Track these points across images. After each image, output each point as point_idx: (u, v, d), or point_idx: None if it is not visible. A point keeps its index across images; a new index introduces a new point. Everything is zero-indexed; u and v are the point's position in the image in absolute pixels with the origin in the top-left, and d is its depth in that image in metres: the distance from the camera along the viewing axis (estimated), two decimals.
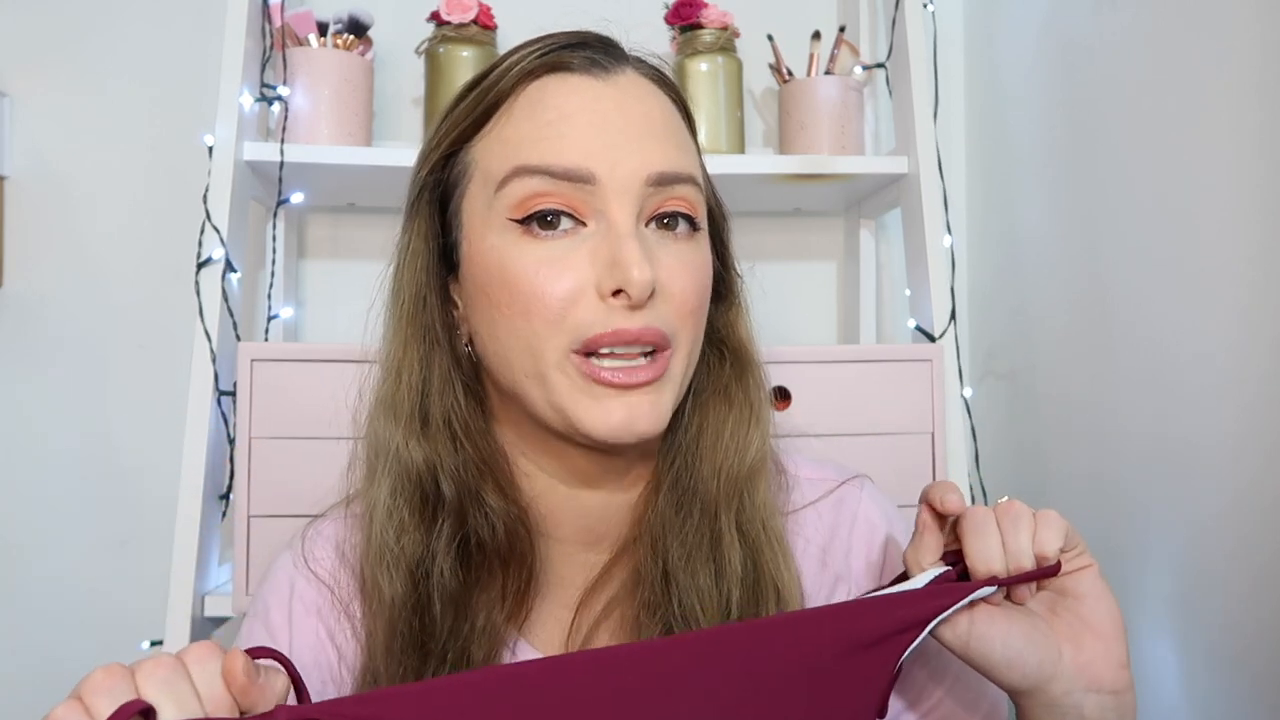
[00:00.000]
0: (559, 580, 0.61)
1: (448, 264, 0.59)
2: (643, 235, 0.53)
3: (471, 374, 0.59)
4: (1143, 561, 0.95)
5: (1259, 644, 0.81)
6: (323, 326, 1.29)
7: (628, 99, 0.54)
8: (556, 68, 0.55)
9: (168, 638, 0.96)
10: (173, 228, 1.20)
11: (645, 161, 0.53)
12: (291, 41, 1.12)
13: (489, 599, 0.57)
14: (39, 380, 1.25)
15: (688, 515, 0.58)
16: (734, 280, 0.64)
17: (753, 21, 1.25)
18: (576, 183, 0.52)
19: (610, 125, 0.53)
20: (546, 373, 0.52)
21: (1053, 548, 0.50)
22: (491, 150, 0.55)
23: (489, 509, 0.57)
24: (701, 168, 0.59)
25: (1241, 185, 0.83)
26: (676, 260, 0.54)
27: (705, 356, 0.60)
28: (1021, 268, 1.22)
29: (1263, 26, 0.80)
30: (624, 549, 0.60)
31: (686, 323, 0.54)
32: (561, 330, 0.52)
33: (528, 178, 0.52)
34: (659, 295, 0.53)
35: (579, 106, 0.53)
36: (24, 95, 1.24)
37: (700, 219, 0.57)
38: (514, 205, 0.53)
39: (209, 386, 1.00)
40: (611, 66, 0.55)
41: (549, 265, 0.52)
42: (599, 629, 0.59)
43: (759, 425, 0.60)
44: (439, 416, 0.57)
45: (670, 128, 0.56)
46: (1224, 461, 0.85)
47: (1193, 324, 0.89)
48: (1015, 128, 1.25)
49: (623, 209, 0.52)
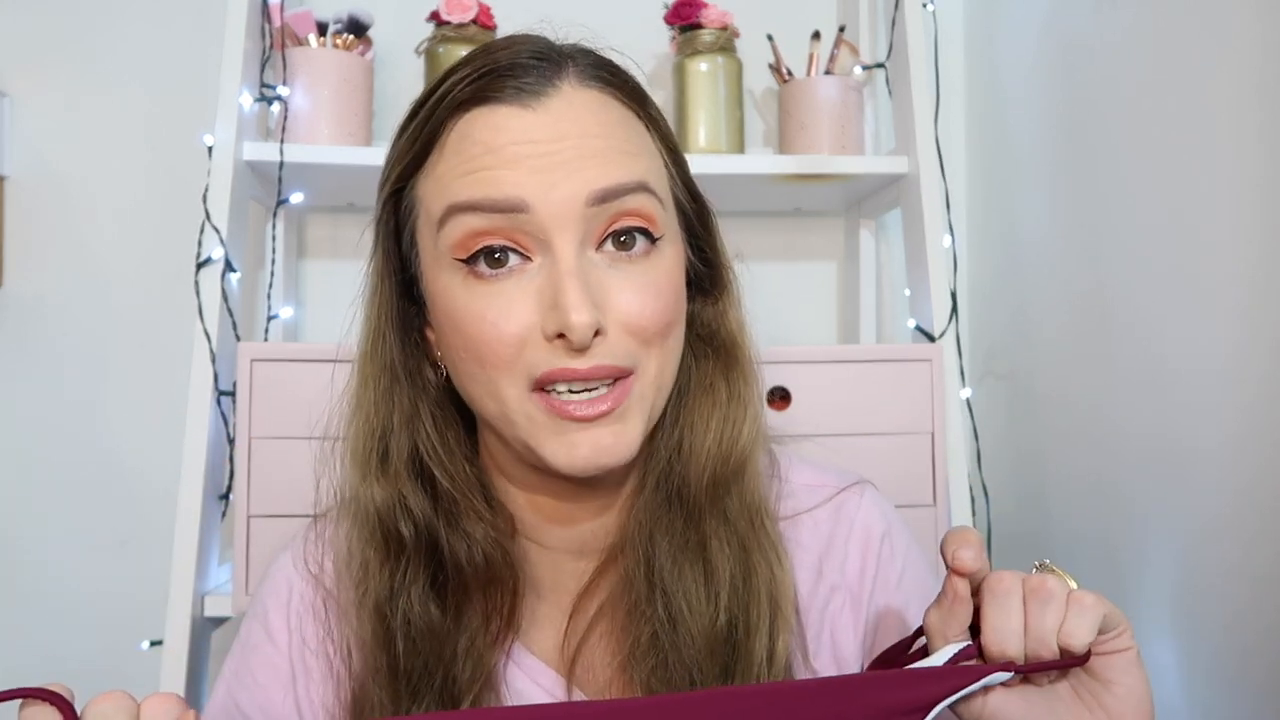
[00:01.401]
0: (552, 585, 0.61)
1: (411, 295, 0.58)
2: (588, 267, 0.51)
3: (446, 401, 0.58)
4: (1142, 562, 0.95)
5: (1259, 645, 0.81)
6: (322, 326, 1.29)
7: (561, 123, 0.51)
8: (484, 99, 0.52)
9: (167, 637, 0.96)
10: (172, 228, 1.20)
11: (582, 183, 0.50)
12: (291, 41, 1.12)
13: (473, 621, 0.57)
14: (39, 380, 1.25)
15: (674, 516, 0.57)
16: (722, 272, 0.61)
17: (753, 21, 1.25)
18: (511, 213, 0.50)
19: (541, 154, 0.50)
20: (510, 415, 0.52)
21: (1081, 641, 0.46)
22: (429, 189, 0.54)
23: (466, 535, 0.56)
24: (667, 164, 0.57)
25: (1242, 186, 0.83)
26: (631, 285, 0.52)
27: (688, 354, 0.59)
28: (1021, 268, 1.22)
29: (1263, 26, 0.80)
30: (612, 555, 0.60)
31: (650, 347, 0.53)
32: (515, 371, 0.51)
33: (462, 215, 0.51)
34: (613, 328, 0.51)
35: (506, 140, 0.51)
36: (24, 95, 1.24)
37: (658, 227, 0.53)
38: (455, 245, 0.51)
39: (209, 386, 1.00)
40: (543, 88, 0.52)
41: (495, 310, 0.50)
42: (591, 635, 0.59)
43: (748, 419, 0.59)
44: (402, 453, 0.57)
45: (613, 138, 0.52)
46: (1224, 462, 0.85)
47: (1193, 324, 0.89)
48: (1015, 128, 1.24)
49: (564, 238, 0.50)
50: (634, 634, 0.56)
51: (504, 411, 0.52)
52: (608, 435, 0.51)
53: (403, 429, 0.57)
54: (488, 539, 0.57)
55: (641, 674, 0.55)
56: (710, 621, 0.55)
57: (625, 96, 0.55)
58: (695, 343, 0.60)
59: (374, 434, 0.57)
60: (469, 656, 0.56)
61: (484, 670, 0.56)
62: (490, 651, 0.57)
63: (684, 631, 0.55)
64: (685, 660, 0.54)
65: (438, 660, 0.55)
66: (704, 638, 0.55)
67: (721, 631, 0.55)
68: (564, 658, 0.59)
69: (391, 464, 0.57)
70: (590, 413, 0.51)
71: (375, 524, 0.56)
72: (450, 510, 0.57)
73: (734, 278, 0.62)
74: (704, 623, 0.55)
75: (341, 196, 1.25)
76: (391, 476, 0.56)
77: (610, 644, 0.58)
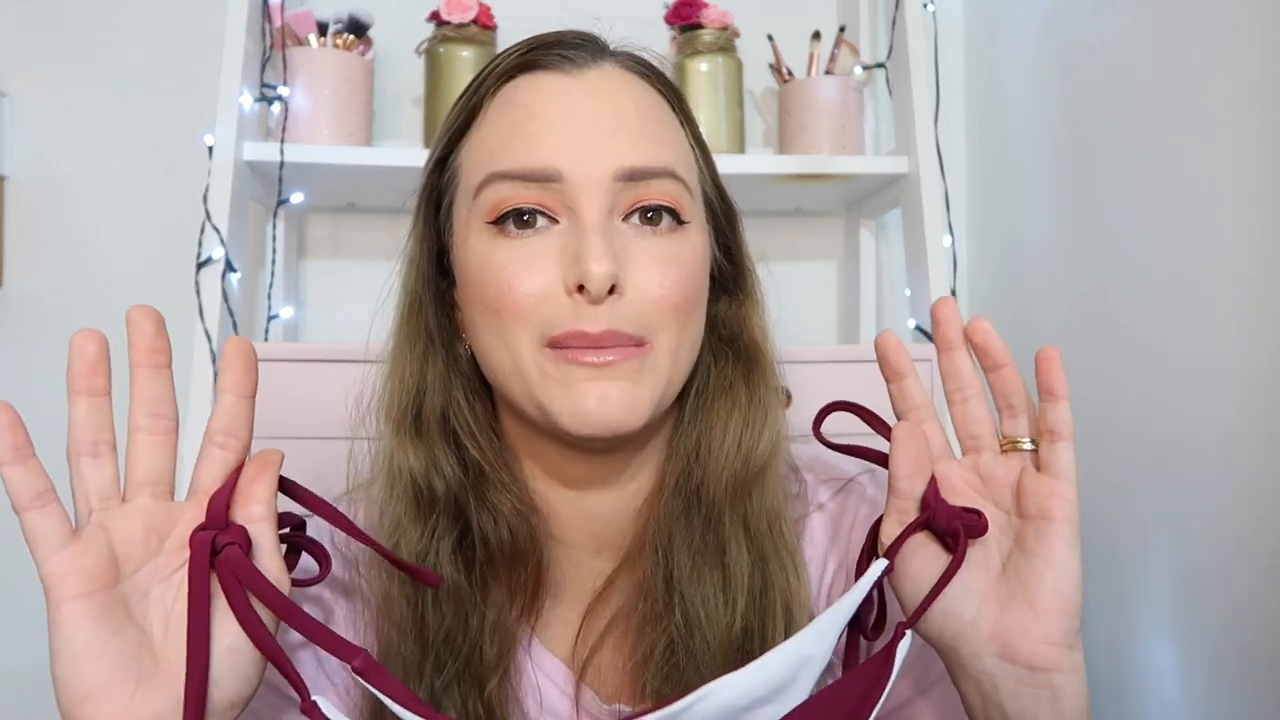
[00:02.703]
0: (569, 584, 0.60)
1: (441, 267, 0.59)
2: (613, 230, 0.52)
3: (475, 376, 0.59)
4: (1142, 561, 0.95)
5: (1259, 644, 0.81)
6: (323, 326, 1.29)
7: (598, 93, 0.53)
8: (529, 67, 0.54)
9: None
10: (173, 228, 1.19)
11: (614, 156, 0.52)
12: (291, 41, 1.12)
13: (498, 597, 0.57)
14: (39, 380, 1.24)
15: (693, 520, 0.57)
16: (746, 274, 0.61)
17: (753, 21, 1.25)
18: (545, 183, 0.51)
19: (577, 120, 0.52)
20: (524, 367, 0.52)
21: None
22: (472, 155, 0.55)
23: (492, 508, 0.56)
24: (697, 159, 0.58)
25: (1242, 185, 0.83)
26: (654, 255, 0.52)
27: (708, 354, 0.59)
28: (1021, 268, 1.22)
29: (1263, 26, 0.80)
30: (629, 557, 0.59)
31: (667, 320, 0.52)
32: (530, 325, 0.51)
33: (499, 183, 0.52)
34: (629, 293, 0.51)
35: (546, 104, 0.53)
36: (24, 95, 1.24)
37: (686, 212, 0.54)
38: (488, 209, 0.53)
39: (209, 386, 1.00)
40: (585, 61, 0.54)
41: (519, 263, 0.51)
42: (606, 640, 0.58)
43: (768, 425, 0.58)
44: (435, 418, 0.57)
45: (647, 120, 0.54)
46: (1224, 461, 0.85)
47: (1193, 324, 0.89)
48: (1015, 128, 1.25)
49: (591, 204, 0.51)
50: (650, 639, 0.56)
51: (516, 364, 0.52)
52: (615, 390, 0.51)
53: (436, 392, 0.57)
54: (514, 513, 0.56)
55: (654, 681, 0.55)
56: (726, 628, 0.55)
57: (662, 87, 0.57)
58: (716, 344, 0.60)
59: (409, 393, 0.57)
60: (496, 633, 0.56)
61: (509, 649, 0.56)
62: (515, 631, 0.57)
63: (700, 637, 0.55)
64: (700, 666, 0.54)
65: (464, 632, 0.55)
66: (719, 643, 0.55)
67: (737, 639, 0.55)
68: (577, 658, 0.58)
69: (425, 424, 0.57)
70: (598, 360, 0.51)
71: (409, 481, 0.56)
72: (477, 480, 0.57)
73: (758, 282, 0.62)
74: (720, 629, 0.55)
75: (341, 196, 1.25)
76: (426, 436, 0.57)
77: (625, 647, 0.58)
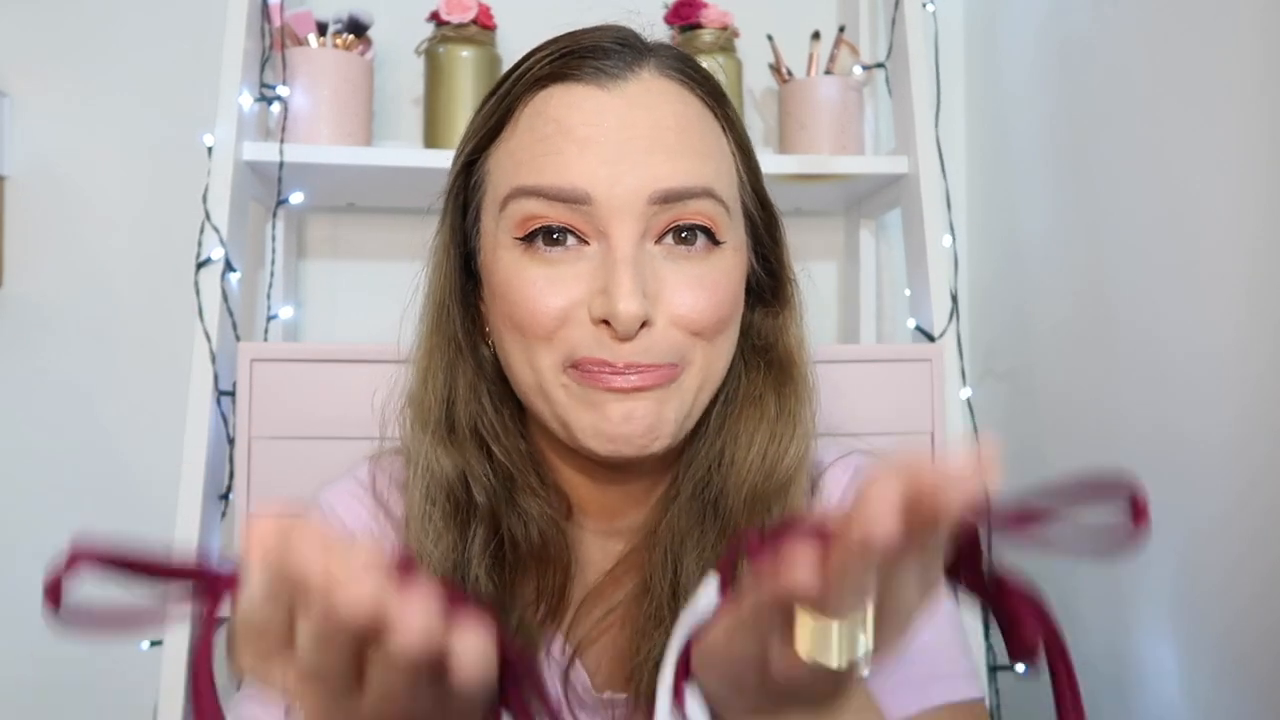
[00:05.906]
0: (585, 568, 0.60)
1: (469, 270, 0.58)
2: (644, 258, 0.51)
3: (499, 380, 0.58)
4: (1143, 562, 0.95)
5: (1260, 645, 0.81)
6: (322, 326, 1.28)
7: (635, 109, 0.51)
8: (562, 77, 0.52)
9: (167, 638, 0.96)
10: (172, 228, 1.19)
11: (649, 179, 0.50)
12: (291, 41, 1.12)
13: (523, 599, 0.57)
14: (39, 380, 1.25)
15: (707, 529, 0.56)
16: (785, 284, 0.60)
17: (753, 21, 1.25)
18: (573, 204, 0.50)
19: (611, 141, 0.50)
20: (547, 388, 0.52)
21: None
22: (500, 164, 0.54)
23: (522, 512, 0.56)
24: (738, 167, 0.56)
25: (1242, 185, 0.83)
26: (687, 279, 0.51)
27: (739, 362, 0.58)
28: (1021, 268, 1.22)
29: (1264, 26, 0.80)
30: (635, 551, 0.59)
31: (699, 341, 0.52)
32: (553, 347, 0.51)
33: (525, 199, 0.51)
34: (659, 322, 0.50)
35: (579, 121, 0.51)
36: (24, 95, 1.24)
37: (722, 232, 0.53)
38: (515, 224, 0.52)
39: (209, 386, 1.00)
40: (622, 73, 0.52)
41: (546, 283, 0.51)
42: (605, 632, 0.58)
43: (796, 438, 0.57)
44: (466, 424, 0.57)
45: (686, 135, 0.52)
46: (1225, 461, 0.85)
47: (1193, 324, 0.89)
48: (1015, 128, 1.24)
49: (623, 229, 0.50)
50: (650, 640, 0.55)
51: (539, 382, 0.52)
52: (640, 407, 0.50)
53: (466, 400, 0.57)
54: (544, 517, 0.56)
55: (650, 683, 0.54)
56: None
57: (704, 93, 0.55)
58: (749, 353, 0.59)
59: (441, 402, 0.57)
60: (519, 634, 0.55)
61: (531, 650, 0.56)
62: (537, 630, 0.57)
63: None
64: None
65: None
66: None
67: None
68: (573, 636, 0.58)
69: (459, 432, 0.56)
70: (624, 384, 0.50)
71: (447, 489, 0.56)
72: (507, 485, 0.56)
73: (797, 292, 0.61)
74: None
75: (341, 196, 1.25)
76: (460, 444, 0.56)
77: (623, 642, 0.58)
